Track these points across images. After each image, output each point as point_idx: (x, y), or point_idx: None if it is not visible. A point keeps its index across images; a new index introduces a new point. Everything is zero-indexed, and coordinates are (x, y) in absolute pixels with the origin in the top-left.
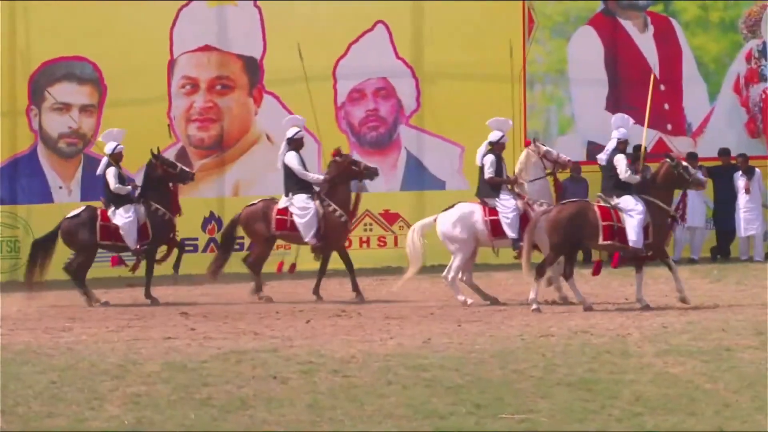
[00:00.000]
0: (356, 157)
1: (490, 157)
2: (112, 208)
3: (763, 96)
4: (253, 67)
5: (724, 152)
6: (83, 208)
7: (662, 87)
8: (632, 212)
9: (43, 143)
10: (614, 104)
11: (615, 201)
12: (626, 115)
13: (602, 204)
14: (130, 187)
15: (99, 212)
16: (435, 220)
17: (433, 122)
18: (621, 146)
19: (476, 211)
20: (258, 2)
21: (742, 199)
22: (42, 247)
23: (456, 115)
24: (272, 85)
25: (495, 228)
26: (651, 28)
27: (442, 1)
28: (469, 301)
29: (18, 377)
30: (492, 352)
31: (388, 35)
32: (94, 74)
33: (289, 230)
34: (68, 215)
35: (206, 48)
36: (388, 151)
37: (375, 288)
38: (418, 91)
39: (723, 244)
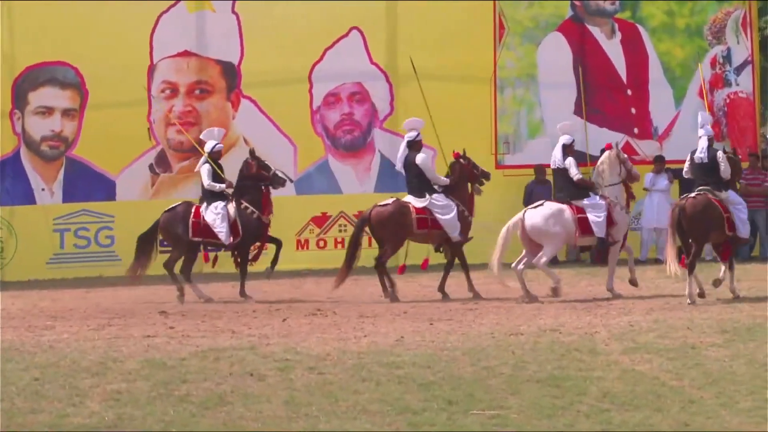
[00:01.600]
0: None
1: (571, 160)
2: (204, 204)
3: (727, 101)
4: (230, 72)
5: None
6: (180, 203)
7: (629, 92)
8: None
9: (26, 146)
10: (581, 108)
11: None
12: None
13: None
14: (224, 184)
15: (194, 208)
16: (523, 215)
17: None
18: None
19: (565, 210)
20: (236, 8)
21: None
22: (146, 241)
23: (428, 118)
24: (249, 89)
25: (582, 226)
26: (618, 35)
27: (416, 2)
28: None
29: (1, 374)
30: (463, 350)
31: (362, 41)
32: (76, 79)
33: (430, 229)
34: (166, 209)
35: (185, 53)
36: (363, 153)
37: (349, 287)
38: (391, 96)
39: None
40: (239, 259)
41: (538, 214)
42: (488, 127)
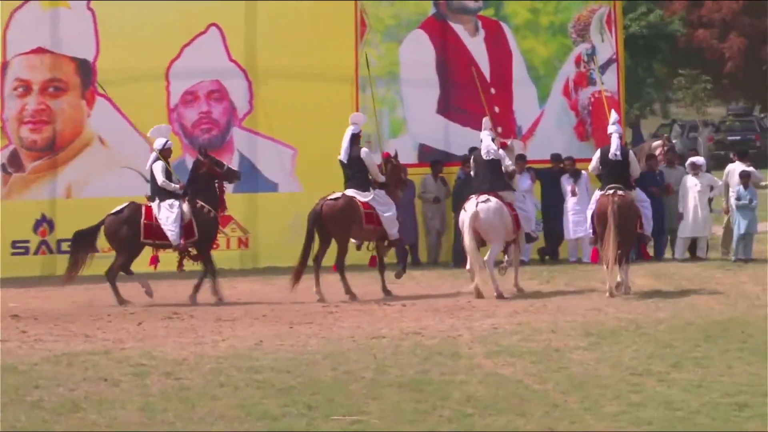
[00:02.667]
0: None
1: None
2: (156, 201)
3: (592, 99)
4: (85, 69)
5: (555, 157)
6: (126, 204)
7: (493, 90)
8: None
9: None
10: (446, 107)
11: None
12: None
13: None
14: (177, 185)
15: (143, 209)
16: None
17: (266, 124)
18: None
19: (504, 206)
20: (91, 4)
21: (570, 201)
22: (84, 242)
23: (289, 117)
24: (105, 86)
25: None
26: (482, 32)
27: (276, 2)
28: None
29: None
30: (324, 354)
31: (221, 38)
32: None
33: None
34: (111, 211)
35: (39, 50)
36: (221, 153)
37: (208, 290)
38: (251, 94)
39: (552, 245)
40: (204, 260)
41: (489, 209)
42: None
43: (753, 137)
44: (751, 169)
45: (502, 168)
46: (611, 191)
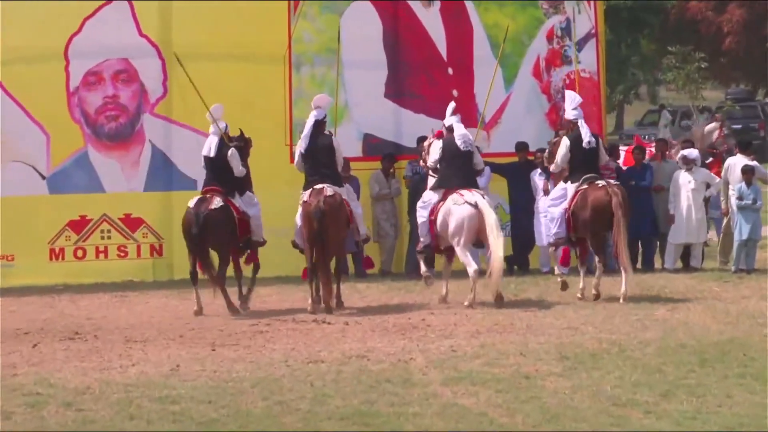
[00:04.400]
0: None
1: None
2: (237, 196)
3: (567, 81)
4: None
5: (521, 147)
6: (207, 195)
7: (450, 71)
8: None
9: None
10: (396, 91)
11: None
12: None
13: None
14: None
15: (228, 203)
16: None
17: (183, 110)
18: None
19: None
20: None
21: (542, 201)
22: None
23: (211, 102)
24: None
25: None
26: (437, 4)
27: None
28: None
29: None
30: (252, 381)
31: (130, 9)
32: None
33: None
34: (194, 203)
35: None
36: (130, 144)
37: (115, 306)
38: (165, 75)
39: (521, 253)
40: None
41: (488, 204)
42: (282, 112)
43: (756, 125)
44: (754, 163)
45: (473, 162)
46: (601, 182)
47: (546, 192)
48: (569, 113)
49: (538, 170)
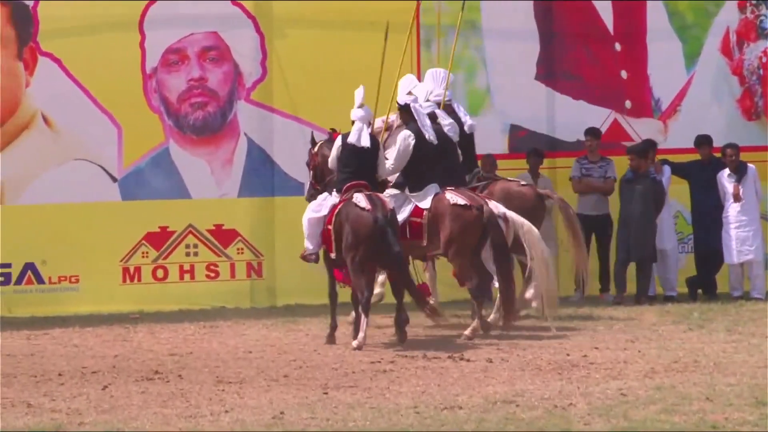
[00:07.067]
0: None
1: None
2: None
3: (764, 60)
4: (23, 17)
5: (704, 141)
6: (376, 194)
7: (618, 46)
8: None
9: None
10: (548, 71)
11: None
12: None
13: None
14: None
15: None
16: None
17: (286, 96)
18: None
19: None
20: None
21: (732, 209)
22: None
23: (315, 81)
24: (50, 41)
25: None
26: None
27: None
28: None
29: None
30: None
31: None
32: None
33: None
34: (383, 204)
35: None
36: (221, 138)
37: (204, 338)
38: (263, 52)
39: (707, 273)
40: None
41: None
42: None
43: None
44: None
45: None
46: None
47: (736, 198)
48: None
49: (727, 171)
